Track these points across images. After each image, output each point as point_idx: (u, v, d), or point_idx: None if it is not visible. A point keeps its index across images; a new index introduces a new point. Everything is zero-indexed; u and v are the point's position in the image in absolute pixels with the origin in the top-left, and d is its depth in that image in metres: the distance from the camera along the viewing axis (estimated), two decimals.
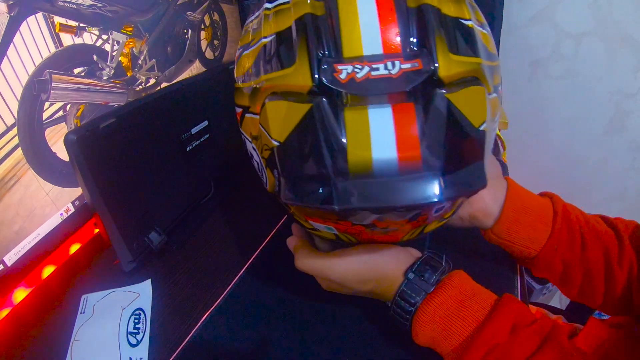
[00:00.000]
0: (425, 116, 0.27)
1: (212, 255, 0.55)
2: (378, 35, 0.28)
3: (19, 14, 0.45)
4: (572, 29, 0.96)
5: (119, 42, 0.60)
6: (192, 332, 0.43)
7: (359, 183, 0.28)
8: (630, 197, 1.12)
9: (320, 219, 0.36)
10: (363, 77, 0.27)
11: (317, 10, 0.29)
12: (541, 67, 1.03)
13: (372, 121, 0.27)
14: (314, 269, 0.39)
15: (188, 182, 0.61)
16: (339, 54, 0.28)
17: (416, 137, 0.27)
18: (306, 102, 0.28)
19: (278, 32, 0.31)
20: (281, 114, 0.30)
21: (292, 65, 0.29)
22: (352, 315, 0.43)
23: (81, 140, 0.42)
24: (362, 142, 0.27)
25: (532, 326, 0.31)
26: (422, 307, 0.34)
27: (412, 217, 0.34)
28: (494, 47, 0.35)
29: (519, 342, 0.30)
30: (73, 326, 0.45)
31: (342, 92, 0.27)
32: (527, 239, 0.40)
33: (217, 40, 0.84)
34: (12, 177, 0.47)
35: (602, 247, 0.39)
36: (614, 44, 0.95)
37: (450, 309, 0.33)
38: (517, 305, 0.33)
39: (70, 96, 0.53)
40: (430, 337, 0.34)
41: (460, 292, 0.34)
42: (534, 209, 0.40)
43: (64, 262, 0.54)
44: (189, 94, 0.59)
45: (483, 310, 0.33)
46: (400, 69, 0.27)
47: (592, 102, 1.03)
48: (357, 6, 0.29)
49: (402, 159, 0.27)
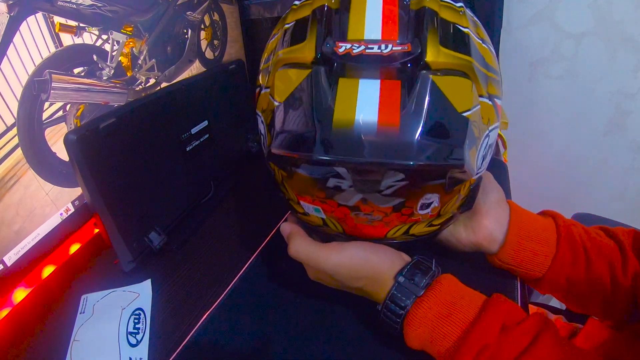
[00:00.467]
0: (409, 92, 0.31)
1: (212, 255, 0.55)
2: (379, 25, 0.33)
3: (19, 14, 0.45)
4: (572, 29, 0.96)
5: (119, 42, 0.60)
6: (192, 332, 0.43)
7: (339, 139, 0.31)
8: (630, 197, 1.12)
9: (309, 197, 0.38)
10: (358, 53, 0.32)
11: (333, 4, 0.35)
12: (541, 67, 1.03)
13: (361, 89, 0.31)
14: (309, 257, 0.39)
15: (188, 182, 0.61)
16: (344, 37, 0.33)
17: (397, 106, 0.31)
18: (307, 68, 0.33)
19: (297, 19, 0.37)
20: (285, 80, 0.35)
21: (303, 42, 0.35)
22: (353, 315, 0.43)
23: (81, 140, 0.42)
24: (348, 105, 0.31)
25: (522, 325, 0.32)
26: (413, 311, 0.34)
27: (396, 206, 0.36)
28: (495, 63, 0.38)
29: (509, 341, 0.30)
30: (73, 326, 0.45)
31: (341, 64, 0.32)
32: (532, 263, 0.41)
33: (217, 40, 0.84)
34: (12, 177, 0.47)
35: (606, 261, 0.39)
36: (614, 44, 0.95)
37: (440, 311, 0.33)
38: (506, 304, 0.33)
39: (70, 96, 0.53)
40: (422, 340, 0.34)
41: (450, 295, 0.34)
42: (538, 233, 0.41)
43: (63, 262, 0.54)
44: (189, 94, 0.59)
45: (472, 311, 0.33)
46: (392, 49, 0.32)
47: (592, 102, 1.03)
48: (366, 2, 0.34)
49: (382, 123, 0.31)
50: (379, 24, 0.33)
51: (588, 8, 0.92)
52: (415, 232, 0.41)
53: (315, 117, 0.32)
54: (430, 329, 0.33)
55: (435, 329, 0.33)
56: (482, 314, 0.32)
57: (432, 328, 0.33)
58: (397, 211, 0.37)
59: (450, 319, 0.33)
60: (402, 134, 0.30)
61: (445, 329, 0.33)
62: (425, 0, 0.34)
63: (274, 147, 0.34)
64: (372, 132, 0.31)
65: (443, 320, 0.33)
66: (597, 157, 1.10)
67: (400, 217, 0.38)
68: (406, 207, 0.37)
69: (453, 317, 0.33)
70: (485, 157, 0.38)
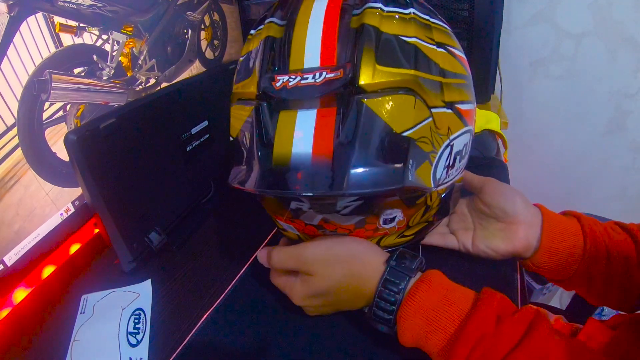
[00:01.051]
0: (344, 119, 0.31)
1: (212, 255, 0.55)
2: (318, 52, 0.33)
3: (19, 14, 0.45)
4: (572, 29, 0.96)
5: (119, 42, 0.60)
6: (192, 332, 0.43)
7: (277, 173, 0.32)
8: (630, 197, 1.12)
9: (281, 217, 0.41)
10: (293, 85, 0.32)
11: (278, 33, 0.35)
12: (541, 67, 1.03)
13: (298, 121, 0.32)
14: (289, 257, 0.38)
15: (188, 182, 0.61)
16: (286, 67, 0.33)
17: (331, 137, 0.31)
18: (253, 104, 0.34)
19: (248, 52, 0.38)
20: (237, 116, 0.37)
21: (249, 78, 0.36)
22: (353, 316, 0.43)
23: (81, 140, 0.42)
24: (286, 139, 0.32)
25: (516, 315, 0.32)
26: (408, 300, 0.34)
27: (357, 223, 0.38)
28: (458, 66, 0.37)
29: (506, 331, 0.30)
30: (73, 326, 0.45)
31: (281, 98, 0.33)
32: (563, 266, 0.42)
33: (217, 40, 0.84)
34: (12, 177, 0.47)
35: (623, 256, 0.40)
36: (614, 44, 0.95)
37: (434, 302, 0.33)
38: (499, 296, 0.34)
39: (70, 96, 0.53)
40: (416, 333, 0.33)
41: (442, 286, 0.35)
42: (569, 237, 0.41)
43: (64, 262, 0.54)
44: (189, 94, 0.59)
45: (467, 303, 0.33)
46: (325, 77, 0.31)
47: (592, 102, 1.03)
48: (307, 29, 0.34)
49: (316, 154, 0.31)
50: (318, 51, 0.33)
51: (588, 8, 0.93)
52: (387, 243, 0.42)
53: (257, 152, 0.33)
54: (425, 320, 0.33)
55: (430, 320, 0.33)
56: (478, 304, 0.32)
57: (427, 320, 0.33)
58: (360, 227, 0.38)
59: (445, 309, 0.33)
60: (336, 164, 0.31)
61: (442, 320, 0.32)
62: (366, 16, 0.33)
63: (229, 180, 0.36)
64: (307, 164, 0.31)
65: (438, 311, 0.33)
66: (597, 157, 1.10)
67: (365, 232, 0.39)
68: (368, 223, 0.38)
69: (448, 308, 0.33)
70: (453, 166, 0.38)
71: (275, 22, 0.36)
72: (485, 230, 0.45)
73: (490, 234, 0.44)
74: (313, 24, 0.34)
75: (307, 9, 0.35)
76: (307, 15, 0.35)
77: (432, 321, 0.33)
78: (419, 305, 0.33)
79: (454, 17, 0.79)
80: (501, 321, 0.31)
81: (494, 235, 0.44)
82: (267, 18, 0.37)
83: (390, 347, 0.39)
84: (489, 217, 0.44)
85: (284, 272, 0.40)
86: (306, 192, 0.31)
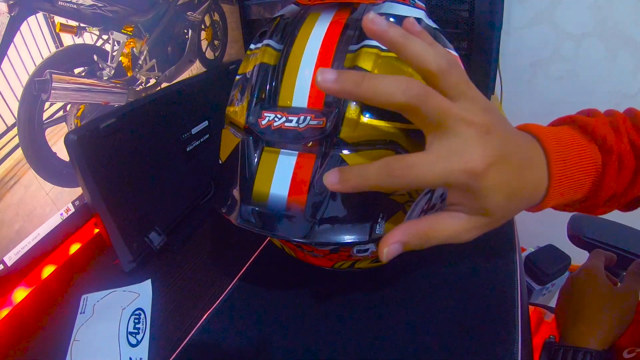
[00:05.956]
0: (320, 169, 0.31)
1: (212, 255, 0.55)
2: (307, 91, 0.32)
3: (20, 14, 0.45)
4: (573, 29, 0.96)
5: (120, 42, 0.60)
6: (192, 332, 0.43)
7: (256, 210, 0.34)
8: None
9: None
10: (278, 126, 0.32)
11: (272, 59, 0.35)
12: (541, 68, 1.03)
13: (279, 163, 0.33)
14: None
15: (188, 182, 0.61)
16: (275, 102, 0.33)
17: (307, 183, 0.31)
18: (240, 136, 0.35)
19: (244, 73, 0.38)
20: (227, 140, 0.38)
21: (240, 105, 0.36)
22: (353, 316, 0.43)
23: (81, 140, 0.42)
24: (266, 177, 0.33)
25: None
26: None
27: (332, 250, 0.39)
28: None
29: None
30: (73, 326, 0.45)
31: (265, 138, 0.33)
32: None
33: (217, 41, 0.84)
34: (12, 177, 0.47)
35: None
36: (614, 45, 0.95)
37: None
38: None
39: (70, 96, 0.53)
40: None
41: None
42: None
43: (64, 262, 0.54)
44: (189, 94, 0.59)
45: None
46: (308, 124, 0.31)
47: (592, 102, 1.02)
48: (300, 63, 0.33)
49: (291, 199, 0.32)
50: (307, 89, 0.32)
51: (588, 9, 0.93)
52: (361, 266, 0.42)
53: (240, 185, 0.34)
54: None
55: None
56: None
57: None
58: (335, 252, 0.39)
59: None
60: (307, 212, 0.31)
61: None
62: (360, 58, 0.31)
63: (217, 204, 0.38)
64: (281, 207, 0.32)
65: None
66: None
67: (340, 257, 0.40)
68: (342, 251, 0.39)
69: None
70: (433, 207, 0.36)
71: (271, 46, 0.35)
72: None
73: None
74: (307, 57, 0.33)
75: (305, 35, 0.34)
76: (302, 47, 0.34)
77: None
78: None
79: (454, 17, 0.79)
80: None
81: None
82: (265, 36, 0.37)
83: (392, 347, 0.39)
84: None
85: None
86: (281, 234, 0.33)
